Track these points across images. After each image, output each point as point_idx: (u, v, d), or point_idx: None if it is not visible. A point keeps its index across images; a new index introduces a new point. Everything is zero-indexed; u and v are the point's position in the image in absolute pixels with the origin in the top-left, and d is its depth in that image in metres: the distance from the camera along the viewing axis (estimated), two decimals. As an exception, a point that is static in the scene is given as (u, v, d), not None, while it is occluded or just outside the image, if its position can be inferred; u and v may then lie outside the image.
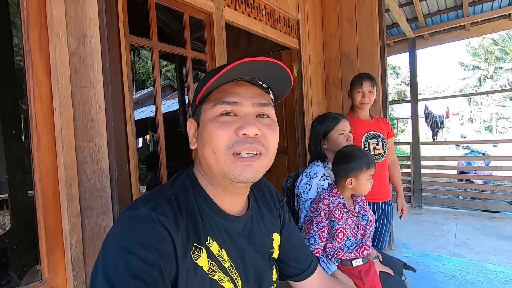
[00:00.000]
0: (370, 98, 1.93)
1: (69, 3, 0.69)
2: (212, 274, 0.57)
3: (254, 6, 2.28)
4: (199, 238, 0.57)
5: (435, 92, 25.76)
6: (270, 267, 0.70)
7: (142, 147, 10.85)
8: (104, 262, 0.47)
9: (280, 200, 0.80)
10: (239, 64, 0.51)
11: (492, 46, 21.19)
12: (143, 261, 0.47)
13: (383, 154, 1.96)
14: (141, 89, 15.09)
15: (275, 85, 0.61)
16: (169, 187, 0.61)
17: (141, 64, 16.13)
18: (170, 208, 0.55)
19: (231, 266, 0.61)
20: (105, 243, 0.50)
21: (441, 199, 4.67)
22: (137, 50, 14.56)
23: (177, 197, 0.58)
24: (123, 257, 0.47)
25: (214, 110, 0.56)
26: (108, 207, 0.77)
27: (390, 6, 3.39)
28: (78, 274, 0.69)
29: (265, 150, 0.57)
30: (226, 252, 0.60)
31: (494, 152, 6.41)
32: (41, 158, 0.67)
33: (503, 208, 4.19)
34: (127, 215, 0.52)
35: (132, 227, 0.50)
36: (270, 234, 0.72)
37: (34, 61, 0.65)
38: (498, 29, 4.35)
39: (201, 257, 0.56)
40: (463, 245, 3.15)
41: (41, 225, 0.66)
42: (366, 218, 1.33)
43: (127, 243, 0.48)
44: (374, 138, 1.96)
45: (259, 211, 0.71)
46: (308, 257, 0.81)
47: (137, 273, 0.46)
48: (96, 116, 0.74)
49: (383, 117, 2.25)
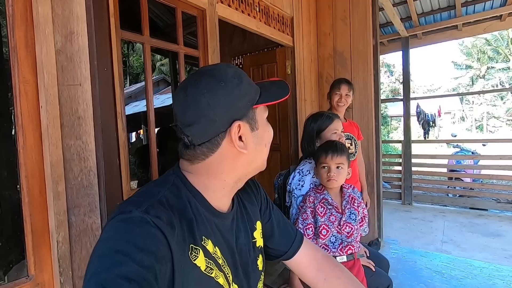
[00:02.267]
0: (346, 100, 2.19)
1: (56, 1, 0.69)
2: (210, 272, 0.58)
3: (248, 3, 2.27)
4: (195, 238, 0.57)
5: (428, 91, 26.02)
6: (256, 257, 0.72)
7: (135, 142, 10.78)
8: (97, 266, 0.46)
9: (256, 186, 0.81)
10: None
11: (485, 46, 21.42)
12: (138, 264, 0.46)
13: (355, 154, 2.22)
14: (135, 82, 14.93)
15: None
16: (158, 188, 0.59)
17: (135, 57, 15.94)
18: (163, 210, 0.54)
19: (223, 262, 0.62)
20: (98, 247, 0.49)
21: (431, 197, 4.76)
22: (131, 43, 14.37)
23: (169, 198, 0.57)
24: (118, 260, 0.46)
25: (266, 113, 0.64)
26: (96, 204, 0.77)
27: (384, 5, 3.40)
28: (64, 271, 0.70)
29: None
30: (219, 249, 0.62)
31: (483, 151, 6.53)
32: (27, 156, 0.67)
33: (490, 206, 4.28)
34: (120, 219, 0.51)
35: (126, 230, 0.49)
36: (254, 223, 0.74)
37: (20, 58, 0.65)
38: (489, 29, 4.41)
39: (199, 257, 0.56)
40: (450, 241, 3.22)
41: (27, 222, 0.67)
42: (353, 216, 1.32)
43: (122, 246, 0.47)
44: (348, 139, 2.19)
45: (242, 204, 0.73)
46: (291, 235, 0.81)
47: (132, 276, 0.44)
48: (83, 114, 0.74)
49: (354, 121, 2.52)
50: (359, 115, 2.95)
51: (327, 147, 1.37)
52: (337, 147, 1.35)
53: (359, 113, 2.95)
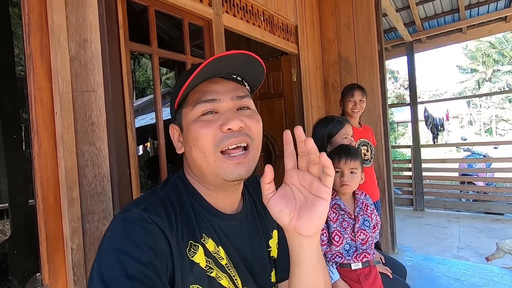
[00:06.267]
0: (361, 106, 2.12)
1: (70, 9, 0.70)
2: (209, 271, 0.57)
3: (253, 12, 2.30)
4: (194, 235, 0.57)
5: (434, 96, 25.84)
6: (270, 268, 0.68)
7: (143, 155, 10.84)
8: (99, 266, 0.47)
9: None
10: (211, 61, 0.52)
11: (490, 49, 21.32)
12: (138, 262, 0.47)
13: (371, 160, 2.15)
14: (140, 97, 15.15)
15: (249, 76, 0.62)
16: (161, 188, 0.61)
17: (141, 72, 16.23)
18: (163, 207, 0.55)
19: (229, 263, 0.60)
20: (100, 247, 0.50)
21: (444, 202, 4.65)
22: (137, 58, 14.66)
23: (170, 196, 0.59)
24: (117, 258, 0.47)
25: (195, 111, 0.57)
26: (109, 211, 0.76)
27: (387, 10, 3.42)
28: (79, 279, 0.68)
29: (251, 140, 0.58)
30: (223, 249, 0.60)
31: (495, 154, 6.40)
32: (42, 163, 0.67)
33: (506, 210, 4.16)
34: (120, 218, 0.53)
35: (125, 229, 0.50)
36: (270, 231, 0.70)
37: (35, 66, 0.66)
38: (495, 31, 4.39)
39: (197, 254, 0.56)
40: (467, 248, 3.12)
41: (42, 229, 0.66)
42: (367, 223, 1.29)
43: (120, 244, 0.48)
44: (365, 145, 2.13)
45: (256, 209, 0.70)
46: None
47: (133, 274, 0.45)
48: (97, 120, 0.74)
49: (369, 126, 2.43)
50: (367, 120, 2.92)
51: (341, 151, 1.34)
52: (351, 152, 1.33)
53: (367, 118, 2.93)
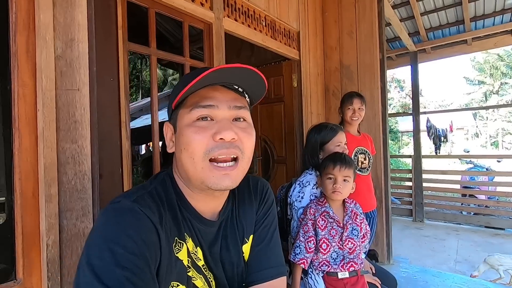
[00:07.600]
0: (360, 114, 2.10)
1: (58, 9, 0.72)
2: (187, 270, 0.58)
3: (255, 17, 2.32)
4: (180, 232, 0.58)
5: (440, 106, 25.61)
6: (244, 273, 0.68)
7: (145, 154, 10.88)
8: (89, 255, 0.47)
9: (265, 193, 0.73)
10: (214, 71, 0.53)
11: (498, 62, 21.12)
12: (129, 252, 0.47)
13: (368, 168, 2.12)
14: (147, 96, 15.27)
15: (250, 89, 0.62)
16: (150, 182, 0.62)
17: (148, 72, 16.38)
18: (152, 200, 0.56)
19: (205, 265, 0.61)
20: (90, 237, 0.50)
21: (444, 214, 4.59)
22: (145, 58, 14.81)
23: (158, 191, 0.60)
24: (109, 248, 0.47)
25: (191, 115, 0.57)
26: (89, 209, 0.77)
27: (391, 19, 3.42)
28: (53, 275, 0.69)
29: (241, 154, 0.58)
30: (201, 251, 0.61)
31: (498, 167, 6.31)
32: (22, 158, 0.68)
33: (507, 225, 4.09)
34: (110, 208, 0.53)
35: (117, 219, 0.51)
36: (246, 236, 0.69)
37: (20, 63, 0.67)
38: (500, 44, 4.36)
39: (181, 251, 0.57)
40: (464, 261, 3.07)
41: (18, 224, 0.67)
42: (356, 232, 1.28)
43: (112, 234, 0.49)
44: (362, 153, 2.11)
45: (237, 213, 0.69)
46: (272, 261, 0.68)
47: (124, 264, 0.46)
48: (80, 118, 0.75)
49: (369, 134, 2.40)
50: (367, 128, 2.91)
51: (336, 158, 1.34)
52: (346, 160, 1.33)
53: (366, 127, 2.91)
